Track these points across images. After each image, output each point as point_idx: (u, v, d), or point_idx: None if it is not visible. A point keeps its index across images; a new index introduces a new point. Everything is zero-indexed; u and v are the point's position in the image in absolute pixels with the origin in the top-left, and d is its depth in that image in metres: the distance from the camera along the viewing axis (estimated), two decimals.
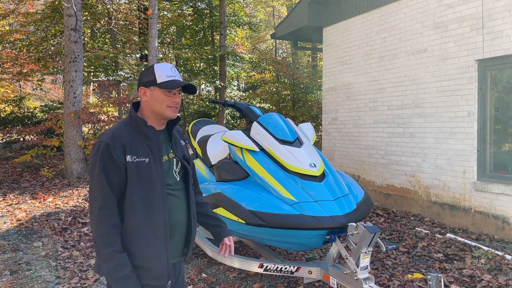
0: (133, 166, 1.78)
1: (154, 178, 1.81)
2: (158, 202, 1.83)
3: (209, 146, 4.22)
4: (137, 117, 1.87)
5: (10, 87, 16.50)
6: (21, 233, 5.31)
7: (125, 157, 1.78)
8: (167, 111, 1.86)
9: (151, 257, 1.82)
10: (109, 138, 1.78)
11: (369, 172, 6.99)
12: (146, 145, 1.84)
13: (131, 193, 1.79)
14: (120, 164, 1.77)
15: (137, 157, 1.80)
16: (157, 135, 1.88)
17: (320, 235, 3.01)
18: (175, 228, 1.92)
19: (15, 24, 16.38)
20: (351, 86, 7.40)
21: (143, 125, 1.85)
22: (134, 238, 1.80)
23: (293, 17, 8.51)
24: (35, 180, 8.64)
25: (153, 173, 1.82)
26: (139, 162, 1.79)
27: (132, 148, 1.80)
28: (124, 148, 1.78)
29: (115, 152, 1.76)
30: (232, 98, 14.50)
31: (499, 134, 5.19)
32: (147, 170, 1.80)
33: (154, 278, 1.84)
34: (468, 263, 4.15)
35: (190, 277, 3.98)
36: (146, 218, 1.81)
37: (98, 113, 9.48)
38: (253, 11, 23.15)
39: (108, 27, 12.56)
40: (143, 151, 1.82)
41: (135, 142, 1.82)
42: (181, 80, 1.89)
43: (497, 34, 5.01)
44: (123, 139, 1.80)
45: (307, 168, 3.20)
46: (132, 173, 1.78)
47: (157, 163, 1.84)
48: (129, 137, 1.82)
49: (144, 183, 1.80)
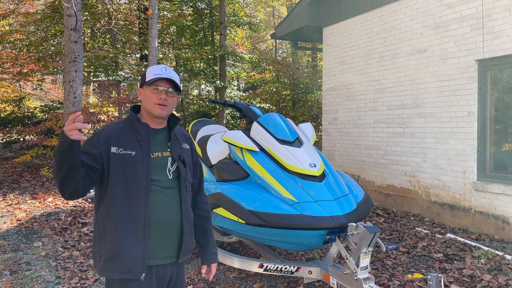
0: (117, 157, 1.86)
1: (138, 171, 1.87)
2: (140, 196, 1.87)
3: (209, 146, 4.22)
4: (132, 114, 1.98)
5: (10, 87, 16.49)
6: (21, 233, 5.31)
7: (109, 148, 1.86)
8: (154, 109, 1.92)
9: (126, 247, 1.84)
10: (99, 130, 1.94)
11: (369, 172, 6.99)
12: (135, 139, 1.91)
13: (114, 183, 1.86)
14: (95, 150, 1.85)
15: (124, 150, 1.88)
16: (148, 131, 1.94)
17: (320, 235, 3.01)
18: (163, 226, 1.93)
19: (15, 24, 16.39)
20: (351, 86, 7.40)
21: (136, 121, 1.95)
22: (112, 226, 1.86)
23: (293, 17, 8.51)
24: (35, 180, 8.64)
25: (138, 166, 1.88)
26: (125, 154, 1.88)
27: (120, 140, 1.89)
28: (109, 139, 1.88)
29: (99, 139, 1.87)
30: (232, 98, 14.51)
31: (499, 134, 5.19)
32: (132, 163, 1.87)
33: (127, 271, 1.85)
34: (468, 263, 4.15)
35: (190, 277, 3.98)
36: (126, 209, 1.86)
37: (98, 113, 9.48)
38: (253, 11, 23.15)
39: (108, 27, 12.56)
40: (131, 145, 1.90)
41: (125, 135, 1.91)
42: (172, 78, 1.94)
43: (497, 34, 5.01)
44: (111, 131, 1.91)
45: (307, 168, 3.19)
46: (116, 164, 1.86)
47: (144, 157, 1.90)
48: (118, 131, 1.92)
49: (127, 175, 1.87)
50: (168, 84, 1.93)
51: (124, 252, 1.84)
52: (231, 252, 4.10)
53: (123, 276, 1.85)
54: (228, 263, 3.52)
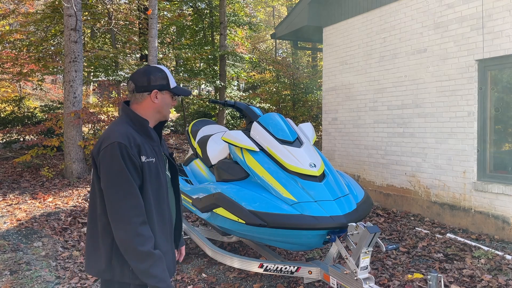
0: (146, 166, 1.81)
1: (161, 177, 1.87)
2: (165, 200, 1.90)
3: (209, 146, 4.22)
4: (140, 118, 1.88)
5: (10, 87, 16.49)
6: (21, 233, 5.31)
7: (140, 158, 1.79)
8: (168, 114, 1.99)
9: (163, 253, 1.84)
10: (124, 139, 1.76)
11: (369, 172, 6.99)
12: (150, 145, 1.87)
13: (147, 192, 1.81)
14: (137, 165, 1.77)
15: (147, 157, 1.83)
16: (157, 135, 1.94)
17: (320, 235, 3.01)
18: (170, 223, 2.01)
19: (15, 24, 16.38)
20: (351, 86, 7.40)
21: (147, 126, 1.88)
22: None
23: (293, 17, 8.51)
24: (35, 180, 8.64)
25: (160, 172, 1.88)
26: (149, 162, 1.83)
27: (144, 148, 1.83)
28: (139, 149, 1.80)
29: (132, 153, 1.76)
30: (232, 98, 14.51)
31: (499, 134, 5.19)
32: (155, 170, 1.85)
33: None
34: (468, 263, 4.15)
35: (190, 277, 3.98)
36: (158, 215, 1.86)
37: (98, 113, 9.48)
38: (253, 11, 23.15)
39: (108, 27, 12.56)
40: (150, 152, 1.86)
41: (144, 143, 1.85)
42: None
43: (497, 34, 5.01)
44: (136, 140, 1.81)
45: (307, 168, 3.19)
46: (146, 173, 1.81)
47: (161, 162, 1.90)
48: (139, 138, 1.83)
49: (154, 182, 1.84)
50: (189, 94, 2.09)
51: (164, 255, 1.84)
52: (231, 252, 4.10)
53: None
54: (228, 263, 3.52)
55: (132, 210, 1.70)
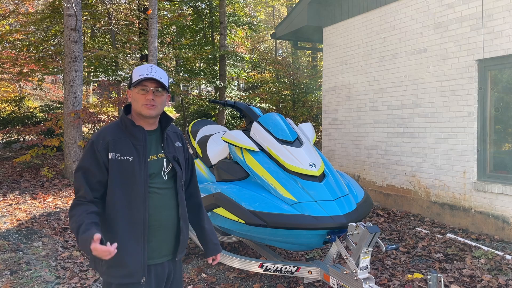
0: (115, 163, 1.85)
1: (136, 176, 1.87)
2: (139, 201, 1.87)
3: (209, 146, 4.22)
4: (126, 118, 1.94)
5: (10, 87, 16.49)
6: (21, 233, 5.31)
7: (107, 155, 1.85)
8: (143, 109, 1.90)
9: (126, 252, 1.84)
10: (95, 136, 1.89)
11: (369, 172, 6.99)
12: (132, 144, 1.89)
13: (112, 190, 1.85)
14: (100, 161, 1.85)
15: (121, 155, 1.86)
16: (144, 134, 1.92)
17: (320, 235, 3.01)
18: (161, 227, 1.95)
19: (15, 24, 16.38)
20: (351, 86, 7.40)
21: (131, 125, 1.92)
22: (112, 232, 1.86)
23: (293, 17, 8.51)
24: (35, 180, 8.64)
25: (136, 171, 1.87)
26: (122, 160, 1.86)
27: (117, 146, 1.87)
28: (107, 146, 1.86)
29: (98, 149, 1.85)
30: (232, 98, 14.51)
31: (499, 134, 5.19)
32: (130, 169, 1.87)
33: (128, 276, 1.86)
34: (468, 263, 4.15)
35: (190, 277, 3.98)
36: (126, 214, 1.86)
37: (98, 113, 9.47)
38: (253, 11, 23.16)
39: (108, 27, 12.56)
40: (128, 150, 1.88)
41: (121, 141, 1.89)
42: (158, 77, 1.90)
43: (497, 34, 5.01)
44: (107, 137, 1.88)
45: (307, 168, 3.19)
46: (114, 171, 1.85)
47: (141, 162, 1.89)
48: (114, 136, 1.89)
49: (126, 181, 1.86)
50: (155, 84, 1.89)
51: (126, 257, 1.85)
52: (231, 252, 4.10)
53: (125, 280, 1.86)
54: (228, 263, 3.52)
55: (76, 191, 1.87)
